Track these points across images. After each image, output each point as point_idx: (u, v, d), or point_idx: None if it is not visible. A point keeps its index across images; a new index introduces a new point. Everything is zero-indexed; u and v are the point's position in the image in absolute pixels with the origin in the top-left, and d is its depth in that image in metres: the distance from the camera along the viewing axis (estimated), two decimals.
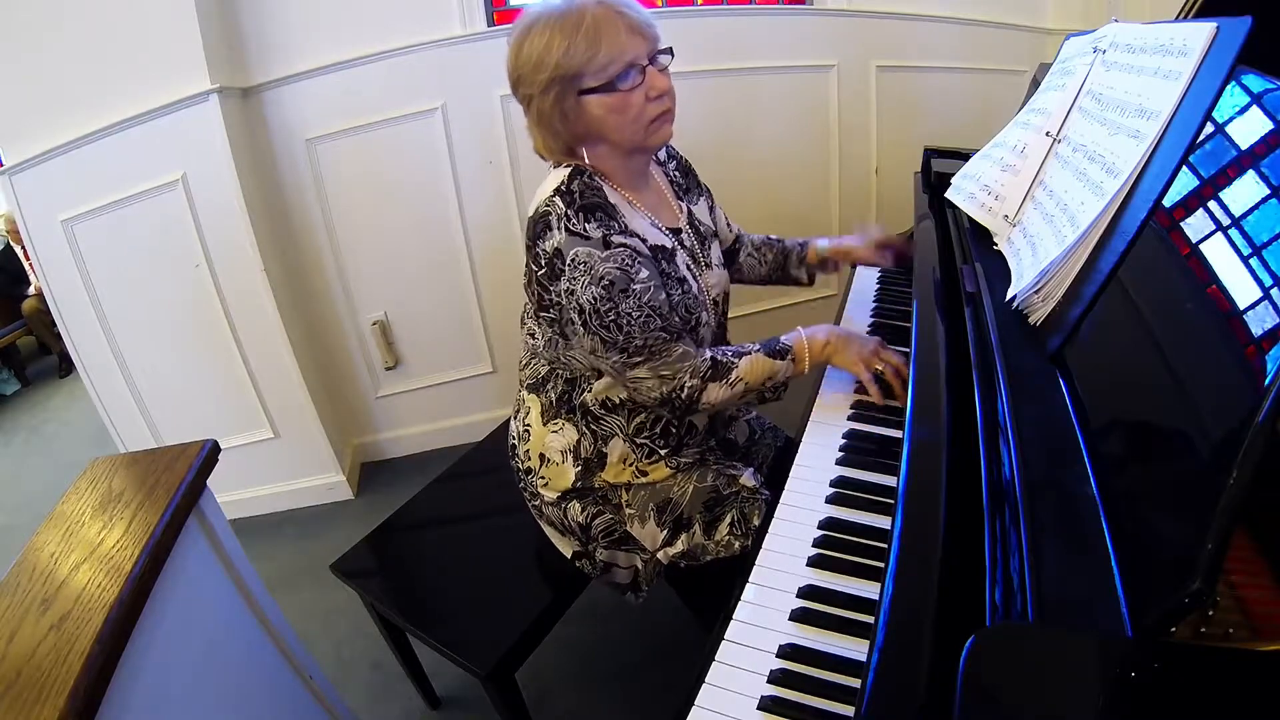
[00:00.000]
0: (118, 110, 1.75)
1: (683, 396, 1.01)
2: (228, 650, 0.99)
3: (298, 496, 2.26)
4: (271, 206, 2.02)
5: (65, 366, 3.89)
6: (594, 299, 0.95)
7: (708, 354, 1.03)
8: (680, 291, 1.04)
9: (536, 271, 0.99)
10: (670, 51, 1.00)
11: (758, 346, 1.06)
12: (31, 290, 4.02)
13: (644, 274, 0.97)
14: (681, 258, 1.09)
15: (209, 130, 1.78)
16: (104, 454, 1.00)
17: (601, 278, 0.94)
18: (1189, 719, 0.44)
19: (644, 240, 1.01)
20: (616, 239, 0.96)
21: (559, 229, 0.95)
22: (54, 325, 2.12)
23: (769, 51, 2.19)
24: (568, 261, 0.95)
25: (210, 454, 0.97)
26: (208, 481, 0.97)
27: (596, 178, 1.02)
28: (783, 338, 1.08)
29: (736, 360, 1.04)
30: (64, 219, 1.83)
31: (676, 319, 1.02)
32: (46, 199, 1.82)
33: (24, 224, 1.85)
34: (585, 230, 0.95)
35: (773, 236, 1.40)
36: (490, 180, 2.11)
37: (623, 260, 0.95)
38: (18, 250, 3.99)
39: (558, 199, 0.98)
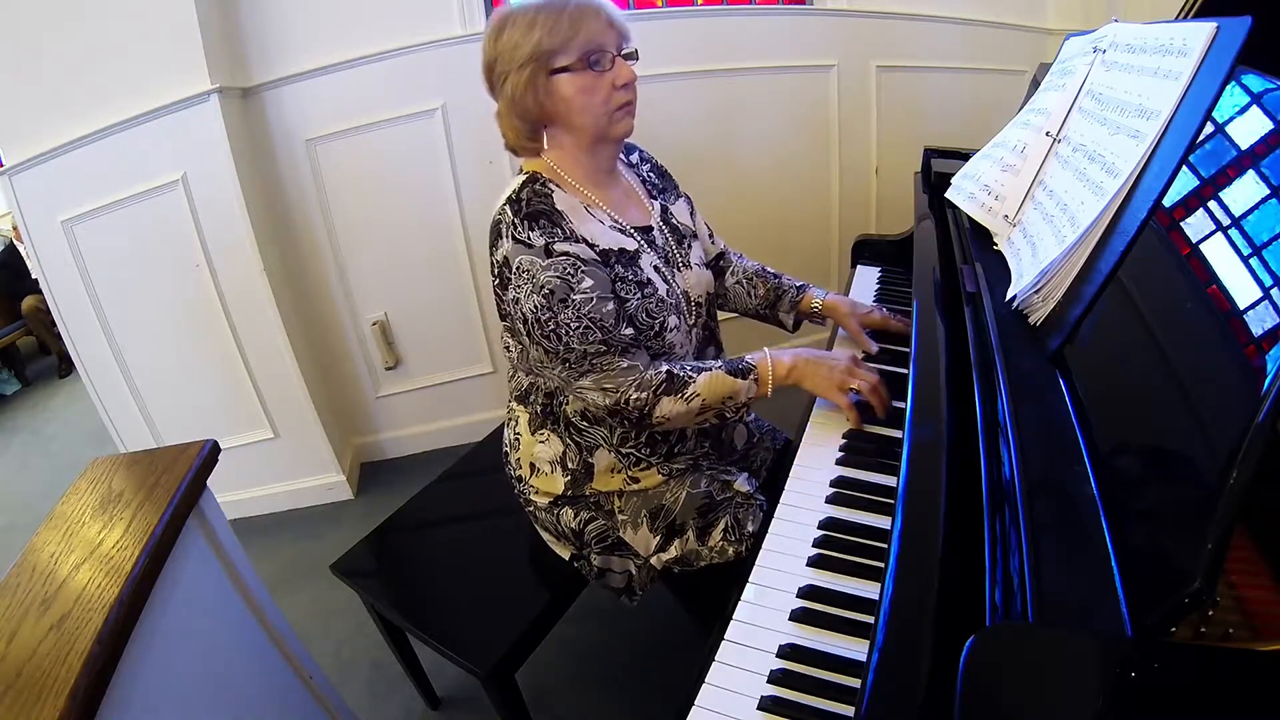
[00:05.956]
0: (118, 110, 1.75)
1: (629, 409, 1.00)
2: (228, 650, 0.99)
3: (297, 496, 2.26)
4: (271, 206, 2.02)
5: (65, 366, 3.88)
6: (535, 308, 0.96)
7: (664, 368, 1.01)
8: (640, 296, 1.03)
9: (493, 281, 1.01)
10: (636, 55, 1.04)
11: (720, 364, 1.03)
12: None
13: (586, 284, 0.96)
14: (648, 259, 1.07)
15: (209, 130, 1.78)
16: (104, 454, 1.00)
17: (542, 286, 0.95)
18: (1189, 719, 0.44)
19: (594, 245, 1.01)
20: (559, 246, 0.97)
21: (507, 237, 0.98)
22: (54, 325, 2.12)
23: (769, 51, 2.19)
24: (514, 269, 0.97)
25: (210, 454, 0.97)
26: (208, 481, 0.97)
27: (550, 184, 1.02)
28: (747, 357, 1.04)
29: (695, 376, 1.01)
30: (64, 219, 1.83)
31: (624, 332, 0.99)
32: (46, 199, 1.82)
33: (24, 224, 1.85)
34: (529, 239, 0.97)
35: (769, 269, 1.33)
36: (490, 180, 2.11)
37: (564, 269, 0.96)
38: (20, 250, 3.99)
39: (508, 208, 1.00)
